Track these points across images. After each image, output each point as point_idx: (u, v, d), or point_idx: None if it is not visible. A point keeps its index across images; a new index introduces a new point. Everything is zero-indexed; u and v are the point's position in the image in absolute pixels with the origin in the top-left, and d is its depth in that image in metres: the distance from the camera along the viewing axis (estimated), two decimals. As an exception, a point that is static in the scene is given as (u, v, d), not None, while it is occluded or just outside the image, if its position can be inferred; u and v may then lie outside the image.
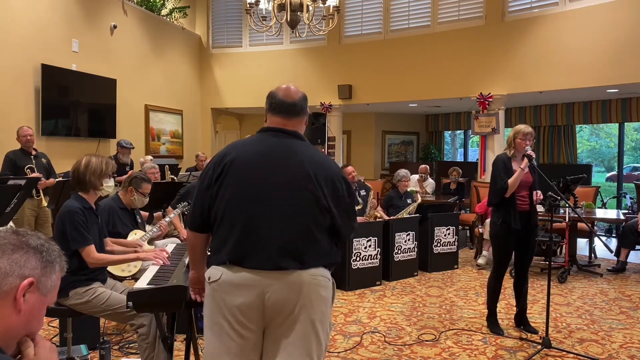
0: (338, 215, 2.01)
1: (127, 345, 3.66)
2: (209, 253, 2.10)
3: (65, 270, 1.19)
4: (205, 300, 2.04)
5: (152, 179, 4.18)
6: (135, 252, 3.19)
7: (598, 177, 15.16)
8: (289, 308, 1.93)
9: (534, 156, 3.78)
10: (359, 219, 5.87)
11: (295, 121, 2.09)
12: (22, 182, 3.08)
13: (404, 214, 6.26)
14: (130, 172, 5.57)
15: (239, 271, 1.94)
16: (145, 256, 3.08)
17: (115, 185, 3.69)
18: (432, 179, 9.06)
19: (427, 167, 8.83)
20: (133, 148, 7.28)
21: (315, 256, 1.98)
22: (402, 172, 6.61)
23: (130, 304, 2.44)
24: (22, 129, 5.56)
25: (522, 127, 3.91)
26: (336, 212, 2.01)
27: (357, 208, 5.50)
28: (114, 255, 3.05)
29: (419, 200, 6.63)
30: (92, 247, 2.87)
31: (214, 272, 1.98)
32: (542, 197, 3.82)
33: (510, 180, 3.80)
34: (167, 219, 4.32)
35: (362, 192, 6.17)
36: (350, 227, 2.11)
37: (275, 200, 1.95)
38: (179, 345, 3.28)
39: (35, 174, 5.31)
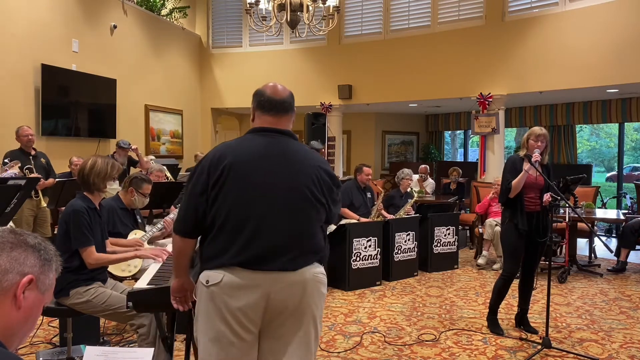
0: (331, 206, 2.07)
1: (127, 346, 3.66)
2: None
3: (60, 271, 1.19)
4: (200, 305, 1.98)
5: (156, 180, 4.16)
6: (136, 250, 3.19)
7: (598, 177, 15.16)
8: (292, 307, 1.94)
9: (537, 159, 3.76)
10: (364, 220, 5.86)
11: (285, 119, 2.08)
12: (22, 182, 3.07)
13: (402, 213, 6.26)
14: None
15: (243, 273, 1.91)
16: (143, 254, 3.09)
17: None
18: (432, 179, 9.06)
19: (427, 167, 8.84)
20: (129, 147, 7.24)
21: (315, 252, 2.01)
22: (406, 171, 6.59)
23: (130, 304, 2.44)
24: (22, 128, 5.56)
25: (536, 129, 3.93)
26: (330, 204, 2.06)
27: None
28: (112, 255, 3.05)
29: (415, 196, 6.60)
30: (93, 249, 2.87)
31: (214, 275, 1.92)
32: (550, 199, 3.80)
33: (513, 182, 3.83)
34: (170, 216, 4.30)
35: (368, 195, 6.15)
36: (336, 215, 2.18)
37: (280, 202, 1.95)
38: (179, 345, 3.28)
39: (35, 175, 5.30)
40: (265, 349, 1.99)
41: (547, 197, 3.84)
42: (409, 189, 6.67)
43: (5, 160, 5.13)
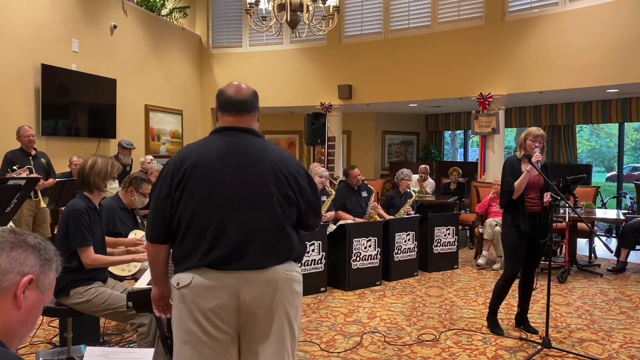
0: (303, 207, 2.04)
1: (127, 345, 3.66)
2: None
3: (60, 270, 1.19)
4: (174, 307, 1.99)
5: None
6: (136, 251, 3.20)
7: (598, 177, 15.16)
8: (264, 307, 1.93)
9: (538, 159, 3.76)
10: (360, 220, 5.87)
11: (247, 118, 2.06)
12: (22, 182, 3.07)
13: (401, 213, 6.26)
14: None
15: (212, 274, 1.91)
16: (140, 257, 3.10)
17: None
18: (432, 179, 9.06)
19: (427, 167, 8.84)
20: (134, 148, 7.27)
21: (286, 251, 2.00)
22: (405, 171, 6.60)
23: (130, 304, 2.44)
24: (24, 129, 5.55)
25: (534, 130, 3.92)
26: (302, 204, 2.03)
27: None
28: (109, 256, 3.05)
29: (414, 196, 6.58)
30: (91, 249, 2.88)
31: (183, 277, 1.92)
32: (551, 199, 3.81)
33: (516, 183, 3.81)
34: None
35: (364, 194, 6.16)
36: (316, 218, 2.15)
37: (243, 200, 1.93)
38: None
39: (34, 175, 5.30)
40: (244, 350, 1.99)
41: (547, 197, 3.84)
42: (409, 189, 6.68)
43: (14, 167, 5.15)
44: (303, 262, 5.08)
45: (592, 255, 6.92)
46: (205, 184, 1.94)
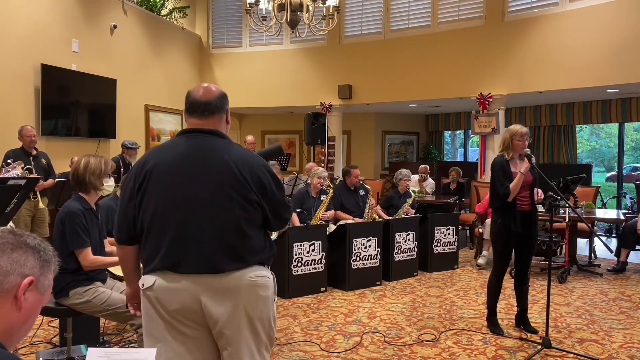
0: (268, 208, 2.00)
1: (127, 345, 3.66)
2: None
3: (58, 270, 1.19)
4: (142, 306, 2.01)
5: None
6: None
7: (598, 177, 15.16)
8: (226, 314, 1.92)
9: (533, 158, 3.78)
10: (358, 220, 5.87)
11: (212, 120, 2.04)
12: (22, 182, 3.07)
13: (401, 213, 6.26)
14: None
15: (173, 276, 1.92)
16: None
17: (116, 185, 3.69)
18: (432, 179, 9.06)
19: (427, 167, 8.84)
20: (138, 147, 7.27)
21: (249, 254, 1.96)
22: (404, 171, 6.61)
23: (130, 304, 2.43)
24: (26, 129, 5.54)
25: (518, 128, 3.87)
26: (266, 205, 1.99)
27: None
28: (108, 257, 3.04)
29: (413, 196, 6.58)
30: (88, 250, 2.87)
31: (148, 279, 1.95)
32: (542, 196, 3.82)
33: (511, 185, 3.79)
34: None
35: (362, 192, 6.16)
36: (282, 218, 2.10)
37: (202, 202, 1.92)
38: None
39: (34, 176, 5.29)
40: (220, 350, 2.00)
41: (538, 194, 3.86)
42: (409, 189, 6.67)
43: (9, 161, 5.13)
44: (303, 262, 5.09)
45: (592, 255, 6.92)
46: (164, 187, 1.94)
